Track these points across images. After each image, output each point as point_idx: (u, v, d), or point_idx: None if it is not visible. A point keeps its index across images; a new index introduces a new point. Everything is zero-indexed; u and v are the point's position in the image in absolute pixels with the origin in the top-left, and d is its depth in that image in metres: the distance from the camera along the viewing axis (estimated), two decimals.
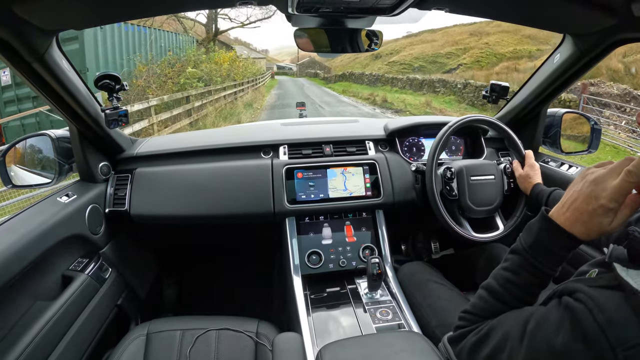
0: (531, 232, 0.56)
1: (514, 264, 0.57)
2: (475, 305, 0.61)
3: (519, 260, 0.57)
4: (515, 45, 23.49)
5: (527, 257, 0.55)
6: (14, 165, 1.13)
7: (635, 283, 0.41)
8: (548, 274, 0.54)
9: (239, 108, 11.31)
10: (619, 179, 0.47)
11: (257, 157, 1.32)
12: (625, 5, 0.76)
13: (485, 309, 0.59)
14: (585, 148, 1.35)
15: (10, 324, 0.80)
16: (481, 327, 0.57)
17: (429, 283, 1.06)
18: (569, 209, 0.52)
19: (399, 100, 15.33)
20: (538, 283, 0.55)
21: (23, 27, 0.71)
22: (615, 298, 0.42)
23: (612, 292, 0.43)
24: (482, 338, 0.55)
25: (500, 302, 0.57)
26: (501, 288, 0.58)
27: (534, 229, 0.56)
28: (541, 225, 0.55)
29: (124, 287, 1.24)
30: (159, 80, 9.89)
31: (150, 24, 10.86)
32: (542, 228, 0.55)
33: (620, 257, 0.47)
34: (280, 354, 0.85)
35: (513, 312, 0.55)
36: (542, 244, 0.54)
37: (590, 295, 0.43)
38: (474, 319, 0.60)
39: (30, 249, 0.84)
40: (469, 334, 0.58)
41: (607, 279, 0.46)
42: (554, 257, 0.54)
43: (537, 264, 0.54)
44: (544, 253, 0.54)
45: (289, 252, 1.17)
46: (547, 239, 0.54)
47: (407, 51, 31.42)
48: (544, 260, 0.54)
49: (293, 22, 0.92)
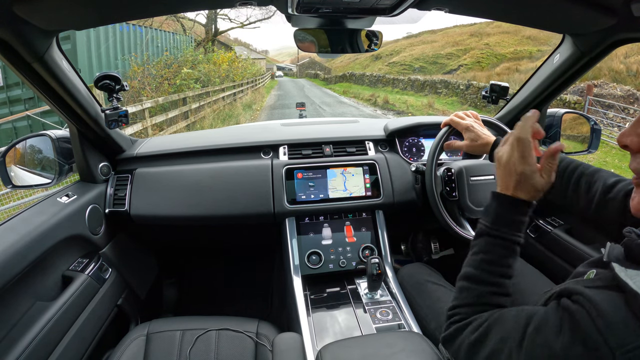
0: (488, 211, 0.64)
1: (482, 245, 0.63)
2: (459, 297, 0.63)
3: (486, 239, 0.63)
4: (515, 45, 23.51)
5: (492, 234, 0.62)
6: (14, 165, 1.14)
7: (634, 284, 0.40)
8: (516, 242, 0.61)
9: (238, 109, 11.27)
10: (515, 149, 0.61)
11: (257, 158, 1.32)
12: (625, 5, 0.76)
13: (470, 297, 0.61)
14: (585, 148, 1.35)
15: (10, 324, 0.80)
16: (476, 321, 0.57)
17: (428, 284, 1.06)
18: (508, 184, 0.62)
19: (400, 101, 15.33)
20: (509, 254, 0.61)
21: (23, 27, 0.71)
22: (614, 300, 0.42)
23: (611, 294, 0.43)
24: (480, 338, 0.54)
25: (483, 284, 0.60)
26: (478, 271, 0.62)
27: (491, 208, 0.64)
28: (494, 202, 0.64)
29: (124, 287, 1.24)
30: (155, 81, 9.78)
31: (149, 24, 10.84)
32: (496, 204, 0.63)
33: (619, 256, 0.46)
34: (280, 354, 0.85)
35: (511, 310, 0.54)
36: (501, 216, 0.62)
37: (588, 297, 0.43)
38: (464, 311, 0.61)
39: (31, 249, 0.84)
40: (465, 329, 0.58)
41: (605, 280, 0.46)
42: (515, 224, 0.61)
43: (503, 235, 0.61)
44: (505, 224, 0.61)
45: (288, 252, 1.17)
46: (504, 211, 0.62)
47: (407, 52, 31.46)
48: (508, 229, 0.61)
49: (293, 22, 0.92)
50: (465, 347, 0.56)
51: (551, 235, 1.26)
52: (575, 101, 8.73)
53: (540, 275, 1.05)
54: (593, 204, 0.76)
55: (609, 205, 0.73)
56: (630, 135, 0.47)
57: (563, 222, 1.29)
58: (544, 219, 1.34)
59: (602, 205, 0.74)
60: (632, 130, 0.47)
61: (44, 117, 6.43)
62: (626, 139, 0.48)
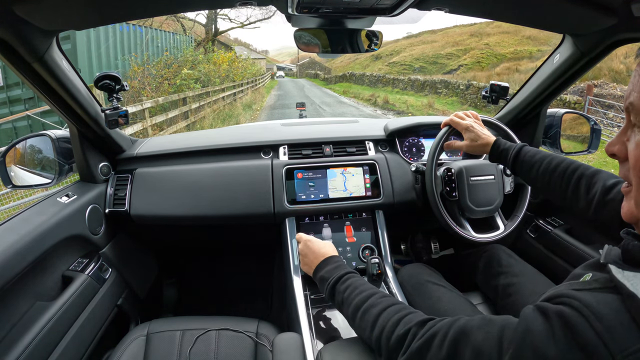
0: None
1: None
2: (381, 321, 0.64)
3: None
4: (515, 46, 23.51)
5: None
6: (14, 165, 1.14)
7: (631, 285, 0.40)
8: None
9: (238, 110, 11.26)
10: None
11: (257, 158, 1.32)
12: (625, 5, 0.76)
13: (382, 310, 0.66)
14: (585, 148, 1.35)
15: (10, 324, 0.80)
16: (437, 336, 0.53)
17: (428, 285, 1.06)
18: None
19: (400, 101, 15.32)
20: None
21: (23, 27, 0.71)
22: (611, 302, 0.41)
23: (608, 296, 0.42)
24: (450, 354, 0.51)
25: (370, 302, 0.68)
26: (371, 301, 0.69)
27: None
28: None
29: (124, 287, 1.24)
30: (155, 81, 9.77)
31: (149, 24, 10.83)
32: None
33: (616, 258, 0.46)
34: (280, 354, 0.85)
35: (472, 321, 0.52)
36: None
37: (584, 302, 0.42)
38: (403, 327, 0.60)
39: (31, 249, 0.84)
40: (413, 340, 0.57)
41: (602, 282, 0.45)
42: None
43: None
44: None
45: (288, 252, 1.17)
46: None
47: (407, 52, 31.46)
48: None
49: (293, 22, 0.92)
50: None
51: (551, 235, 1.26)
52: (575, 101, 8.72)
53: (540, 276, 1.05)
54: (592, 205, 0.76)
55: (608, 206, 0.73)
56: (616, 144, 0.48)
57: (563, 222, 1.29)
58: (544, 219, 1.34)
59: (601, 206, 0.74)
60: (618, 139, 0.48)
61: (44, 117, 6.43)
62: (613, 147, 0.48)
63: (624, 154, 0.47)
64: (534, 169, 0.88)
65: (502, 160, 0.96)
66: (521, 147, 0.92)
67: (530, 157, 0.89)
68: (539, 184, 0.88)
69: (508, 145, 0.95)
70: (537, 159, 0.88)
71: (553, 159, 0.85)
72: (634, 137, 0.45)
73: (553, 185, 0.84)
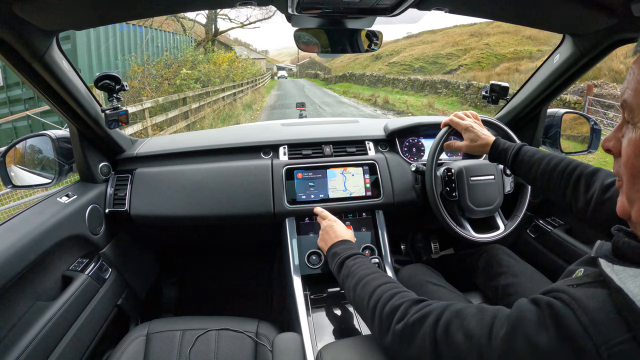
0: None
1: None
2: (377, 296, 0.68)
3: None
4: (515, 45, 23.52)
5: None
6: (14, 165, 1.14)
7: (619, 280, 0.41)
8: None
9: (238, 109, 11.27)
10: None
11: (257, 158, 1.32)
12: (625, 6, 0.76)
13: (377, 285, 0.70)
14: (585, 148, 1.35)
15: (10, 324, 0.80)
16: (432, 315, 0.56)
17: (428, 285, 1.06)
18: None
19: (400, 101, 15.33)
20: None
21: (23, 27, 0.71)
22: (598, 296, 0.42)
23: (596, 290, 0.43)
24: (442, 333, 0.53)
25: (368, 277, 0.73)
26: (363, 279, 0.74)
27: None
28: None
29: (124, 287, 1.24)
30: (155, 81, 9.76)
31: (149, 24, 10.83)
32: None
33: (607, 252, 0.47)
34: (280, 354, 0.85)
35: (469, 307, 0.54)
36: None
37: (573, 295, 0.43)
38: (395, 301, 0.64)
39: (31, 249, 0.84)
40: (409, 309, 0.60)
41: (592, 276, 0.46)
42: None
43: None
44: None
45: (288, 252, 1.17)
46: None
47: (407, 52, 31.47)
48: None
49: (293, 22, 0.92)
50: (429, 343, 0.54)
51: (551, 235, 1.26)
52: (575, 101, 8.72)
53: (540, 275, 1.05)
54: (591, 203, 0.76)
55: (606, 204, 0.73)
56: (612, 139, 0.49)
57: (563, 222, 1.29)
58: (544, 219, 1.34)
59: (600, 204, 0.74)
60: (614, 135, 0.49)
61: (44, 117, 6.43)
62: (609, 143, 0.49)
63: (618, 150, 0.48)
64: (534, 168, 0.88)
65: (502, 160, 0.96)
66: (520, 147, 0.93)
67: (530, 157, 0.90)
68: (539, 183, 0.88)
69: (507, 145, 0.96)
70: (536, 159, 0.88)
71: (552, 158, 0.85)
72: (627, 133, 0.46)
73: (553, 184, 0.84)
